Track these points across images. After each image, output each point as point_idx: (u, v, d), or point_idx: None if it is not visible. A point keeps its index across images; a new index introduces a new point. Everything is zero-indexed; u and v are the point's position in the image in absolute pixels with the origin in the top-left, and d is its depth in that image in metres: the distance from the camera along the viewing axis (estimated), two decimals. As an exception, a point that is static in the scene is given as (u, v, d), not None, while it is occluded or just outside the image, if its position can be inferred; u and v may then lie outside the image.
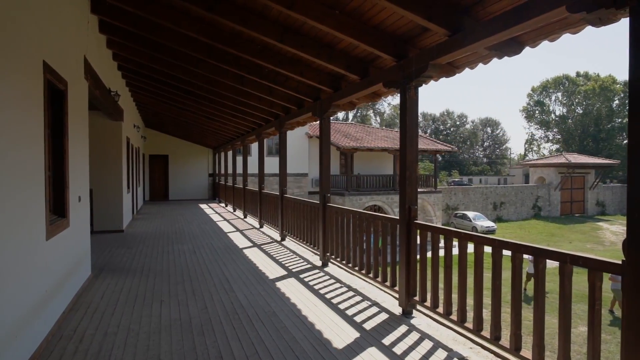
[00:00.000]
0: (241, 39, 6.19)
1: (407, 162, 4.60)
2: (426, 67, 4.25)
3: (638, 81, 2.33)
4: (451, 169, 70.71)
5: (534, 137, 71.42)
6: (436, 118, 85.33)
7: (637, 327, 2.33)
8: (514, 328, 3.27)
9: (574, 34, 3.62)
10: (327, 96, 6.84)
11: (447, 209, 35.76)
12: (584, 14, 2.69)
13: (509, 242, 3.31)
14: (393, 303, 4.98)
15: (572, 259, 2.79)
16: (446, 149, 30.21)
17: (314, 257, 7.65)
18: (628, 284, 2.38)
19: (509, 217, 39.02)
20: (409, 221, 4.56)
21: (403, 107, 4.65)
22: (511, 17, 3.25)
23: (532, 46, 3.99)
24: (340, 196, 24.42)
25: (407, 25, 4.38)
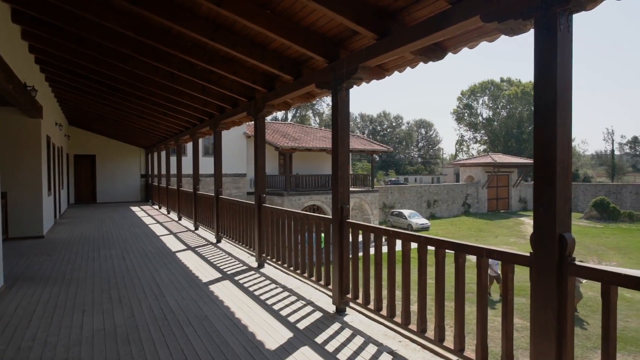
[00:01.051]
0: (171, 35, 5.98)
1: (339, 162, 4.68)
2: (356, 69, 4.34)
3: (542, 87, 2.53)
4: (388, 169, 73.00)
5: (463, 138, 75.50)
6: (374, 119, 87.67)
7: (541, 313, 2.52)
8: (438, 320, 3.43)
9: (491, 42, 3.87)
10: (261, 96, 6.79)
11: (384, 207, 36.85)
12: (496, 24, 2.87)
13: (432, 239, 3.47)
14: (327, 301, 5.04)
15: (488, 252, 2.98)
16: (382, 149, 31.11)
17: (250, 258, 7.56)
18: (534, 275, 2.58)
19: (441, 215, 40.95)
20: (341, 220, 4.64)
21: (335, 108, 4.73)
22: (433, 24, 3.40)
23: (454, 52, 4.21)
24: (279, 196, 24.35)
25: (338, 27, 4.46)
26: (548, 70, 2.49)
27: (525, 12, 2.61)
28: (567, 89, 2.50)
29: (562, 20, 2.46)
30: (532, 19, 2.59)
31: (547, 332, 2.51)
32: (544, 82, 2.51)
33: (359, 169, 57.35)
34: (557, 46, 2.44)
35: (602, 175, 70.59)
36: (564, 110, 2.47)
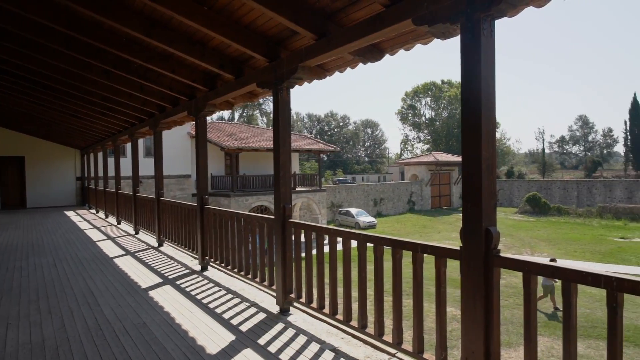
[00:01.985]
0: (103, 30, 5.69)
1: (281, 162, 4.67)
2: (296, 69, 4.35)
3: (467, 89, 2.66)
4: (336, 168, 73.84)
5: (408, 137, 77.86)
6: (321, 119, 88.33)
7: (471, 303, 2.65)
8: (377, 316, 3.51)
9: (425, 44, 4.01)
10: (202, 95, 6.63)
11: (332, 206, 37.24)
12: (427, 27, 2.98)
13: (371, 236, 3.55)
14: (271, 302, 5.01)
15: (422, 248, 3.09)
16: (329, 148, 31.42)
17: (193, 261, 7.36)
18: (464, 267, 2.71)
19: (387, 212, 42.00)
20: (284, 220, 4.63)
21: (275, 107, 4.71)
22: (369, 26, 3.47)
23: (391, 54, 4.33)
24: (226, 197, 23.92)
25: (278, 27, 4.44)
26: (473, 72, 2.62)
27: (452, 17, 2.73)
28: (491, 90, 2.64)
29: (485, 25, 2.60)
30: (459, 23, 2.71)
31: (475, 320, 2.64)
32: (470, 84, 2.64)
33: (307, 169, 57.60)
34: (480, 49, 2.58)
35: (534, 172, 75.44)
36: (488, 110, 2.61)
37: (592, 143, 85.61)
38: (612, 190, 44.78)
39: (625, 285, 2.05)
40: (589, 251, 24.93)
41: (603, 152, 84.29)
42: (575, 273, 2.23)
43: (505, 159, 73.23)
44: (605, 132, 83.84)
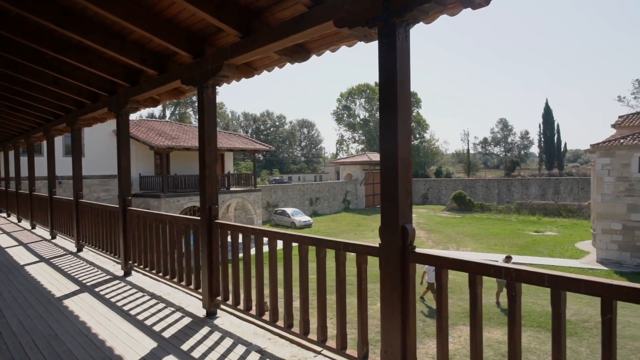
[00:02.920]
0: (9, 17, 5.21)
1: (207, 162, 4.55)
2: (221, 67, 4.26)
3: (385, 91, 2.75)
4: (272, 168, 73.47)
5: (343, 138, 79.27)
6: (257, 118, 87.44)
7: (389, 298, 2.75)
8: (302, 314, 3.53)
9: (350, 46, 4.09)
10: (124, 91, 6.29)
11: (268, 206, 37.00)
12: (348, 30, 3.05)
13: (295, 235, 3.56)
14: (198, 306, 4.87)
15: (344, 246, 3.15)
16: (265, 148, 31.17)
17: (115, 267, 6.97)
18: (382, 264, 2.80)
19: (323, 211, 42.48)
20: (210, 221, 4.52)
21: (201, 105, 4.58)
22: (293, 25, 3.48)
23: (318, 54, 4.38)
24: (156, 199, 22.94)
25: (202, 22, 4.32)
26: (389, 75, 2.71)
27: (369, 21, 2.80)
28: (407, 93, 2.75)
29: (400, 30, 2.70)
30: (376, 27, 2.79)
31: (393, 314, 2.73)
32: (387, 86, 2.73)
33: (242, 169, 56.75)
34: (396, 53, 2.67)
35: (460, 171, 79.95)
36: (404, 112, 2.72)
37: (511, 144, 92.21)
38: (528, 187, 48.60)
39: (522, 275, 2.22)
40: (507, 244, 26.85)
41: (521, 152, 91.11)
42: (479, 266, 2.39)
43: (435, 159, 76.91)
44: (522, 135, 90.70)
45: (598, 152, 22.90)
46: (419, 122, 70.16)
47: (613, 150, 22.19)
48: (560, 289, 2.10)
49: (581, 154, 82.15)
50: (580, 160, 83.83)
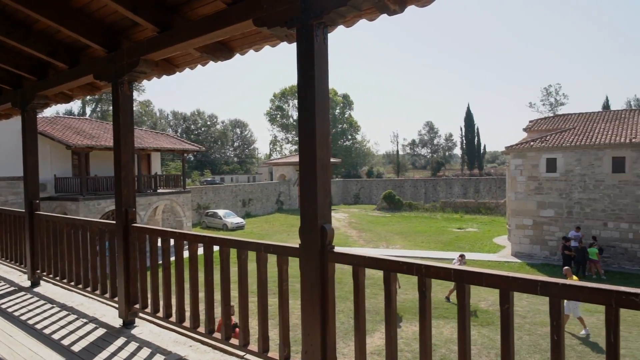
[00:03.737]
0: None
1: (122, 162, 4.30)
2: (138, 62, 4.05)
3: (303, 92, 2.76)
4: (204, 169, 71.45)
5: (277, 138, 78.98)
6: (187, 117, 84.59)
7: (308, 298, 2.76)
8: (224, 319, 3.44)
9: (273, 46, 4.05)
10: (30, 84, 5.78)
11: (199, 208, 35.91)
12: (267, 29, 3.02)
13: (216, 238, 3.46)
14: (114, 315, 4.58)
15: (265, 247, 3.12)
16: (194, 148, 30.21)
17: (21, 277, 6.37)
18: (302, 264, 2.80)
19: (256, 213, 42.03)
20: (127, 225, 4.27)
21: (115, 102, 4.32)
22: (213, 22, 3.39)
23: (241, 53, 4.30)
24: (74, 202, 21.37)
25: (116, 14, 4.07)
26: (308, 76, 2.72)
27: (288, 22, 2.80)
28: (325, 94, 2.77)
29: (318, 32, 2.72)
30: (295, 28, 2.79)
31: (313, 314, 2.75)
32: (305, 87, 2.74)
33: (172, 169, 54.61)
34: (314, 55, 2.69)
35: (390, 172, 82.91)
36: (322, 113, 2.74)
37: (437, 146, 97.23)
38: (452, 187, 51.48)
39: (431, 271, 2.33)
40: (433, 241, 28.24)
41: (445, 154, 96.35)
42: (393, 263, 2.46)
43: (366, 160, 79.08)
44: (447, 137, 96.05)
45: (512, 154, 24.80)
46: (352, 124, 71.70)
47: (524, 152, 24.14)
48: (465, 283, 2.23)
49: (499, 155, 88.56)
50: (498, 161, 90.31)
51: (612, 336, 1.84)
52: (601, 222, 22.21)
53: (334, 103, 69.62)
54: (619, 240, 21.79)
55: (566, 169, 22.96)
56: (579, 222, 22.39)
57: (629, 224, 21.56)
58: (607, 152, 22.02)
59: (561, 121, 28.59)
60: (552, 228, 23.34)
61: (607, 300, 1.82)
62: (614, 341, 1.84)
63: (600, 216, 22.23)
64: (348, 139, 72.37)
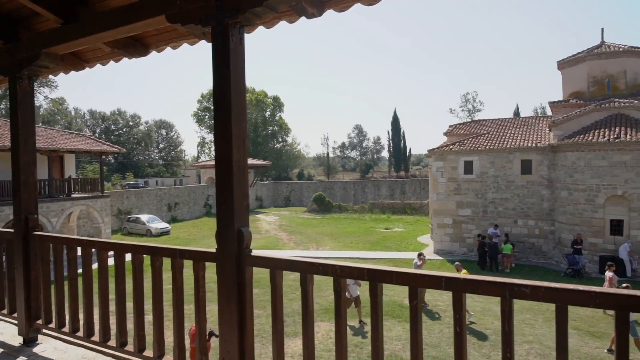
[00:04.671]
0: None
1: (22, 164, 3.92)
2: (39, 55, 3.72)
3: (219, 92, 2.68)
4: (126, 172, 67.58)
5: (205, 140, 76.75)
6: (107, 117, 79.56)
7: (225, 303, 2.68)
8: (137, 330, 3.25)
9: (192, 44, 3.92)
10: None
11: (120, 213, 33.91)
12: (181, 26, 2.90)
13: (128, 245, 3.27)
14: (13, 333, 4.15)
15: (181, 253, 3.00)
16: (114, 150, 28.45)
17: None
18: (219, 269, 2.72)
19: (183, 217, 40.52)
20: (27, 233, 3.90)
21: (13, 99, 3.93)
22: (123, 16, 3.20)
23: (158, 50, 4.12)
24: (-28, 209, 19.21)
25: (13, 2, 3.71)
26: (223, 75, 2.66)
27: (203, 20, 2.71)
28: (241, 95, 2.72)
29: (234, 32, 2.66)
30: (210, 27, 2.72)
31: (230, 320, 2.68)
32: (221, 87, 2.67)
33: (90, 172, 51.04)
34: (229, 55, 2.63)
35: (321, 174, 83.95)
36: (238, 114, 2.69)
37: (365, 149, 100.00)
38: (380, 188, 53.23)
39: (345, 271, 2.37)
40: (361, 242, 28.99)
41: (374, 156, 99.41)
42: (309, 265, 2.47)
43: (297, 162, 79.37)
44: (375, 140, 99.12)
45: (433, 157, 26.20)
46: (282, 126, 71.60)
47: (444, 155, 25.60)
48: (377, 282, 2.29)
49: (423, 158, 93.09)
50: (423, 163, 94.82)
51: (506, 325, 1.98)
52: (512, 219, 24.14)
53: (264, 105, 69.17)
54: (527, 236, 23.81)
55: (481, 171, 24.68)
56: (492, 220, 24.15)
57: (535, 221, 23.64)
58: (516, 155, 24.00)
59: (477, 126, 30.72)
60: (470, 226, 24.96)
61: (502, 292, 1.96)
62: (508, 330, 1.98)
63: (511, 214, 24.15)
64: (279, 141, 72.17)
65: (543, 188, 23.37)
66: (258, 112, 68.84)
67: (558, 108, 26.04)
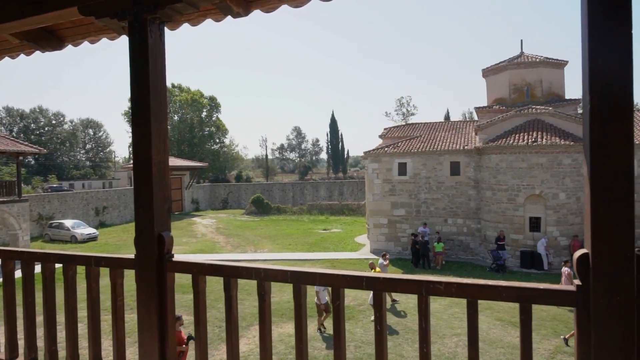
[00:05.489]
0: None
1: None
2: None
3: (136, 89, 2.56)
4: (48, 174, 62.82)
5: (137, 140, 73.20)
6: (26, 115, 73.52)
7: (145, 311, 2.56)
8: (48, 345, 3.01)
9: (111, 39, 3.71)
10: None
11: (41, 218, 31.47)
12: (96, 20, 2.73)
13: (36, 253, 3.03)
14: None
15: (96, 260, 2.82)
16: (33, 150, 26.31)
17: None
18: (138, 275, 2.59)
19: (113, 222, 38.41)
20: None
21: None
22: (31, 6, 2.95)
23: (74, 44, 3.86)
24: None
25: None
26: (142, 73, 2.54)
27: (119, 13, 2.58)
28: (161, 93, 2.61)
29: (153, 28, 2.55)
30: (127, 21, 2.58)
31: (151, 327, 2.56)
32: (138, 85, 2.55)
33: (6, 175, 46.89)
34: (148, 51, 2.52)
35: (260, 176, 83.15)
36: (158, 112, 2.58)
37: (304, 150, 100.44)
38: (318, 190, 53.71)
39: (269, 274, 2.34)
40: (300, 243, 29.06)
41: (313, 158, 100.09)
42: (232, 269, 2.42)
43: (235, 164, 78.05)
44: (314, 142, 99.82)
45: (369, 159, 26.87)
46: (219, 127, 70.04)
47: (379, 157, 26.36)
48: (301, 284, 2.29)
49: (360, 160, 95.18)
50: (360, 165, 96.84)
51: (423, 322, 2.06)
52: (442, 218, 25.34)
53: (200, 105, 67.28)
54: (456, 234, 25.11)
55: (414, 172, 25.68)
56: (425, 220, 25.21)
57: (463, 220, 24.98)
58: (446, 157, 25.23)
59: (410, 129, 31.93)
60: (404, 226, 25.88)
61: (418, 290, 2.04)
62: (425, 326, 2.06)
63: (441, 213, 25.34)
64: (216, 143, 70.52)
65: (470, 188, 24.76)
66: (194, 113, 66.85)
67: (483, 113, 27.77)
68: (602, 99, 1.66)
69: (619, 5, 1.64)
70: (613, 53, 1.65)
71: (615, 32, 1.64)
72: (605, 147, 1.65)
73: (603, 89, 1.65)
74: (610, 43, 1.65)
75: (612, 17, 1.65)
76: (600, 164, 1.65)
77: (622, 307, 1.64)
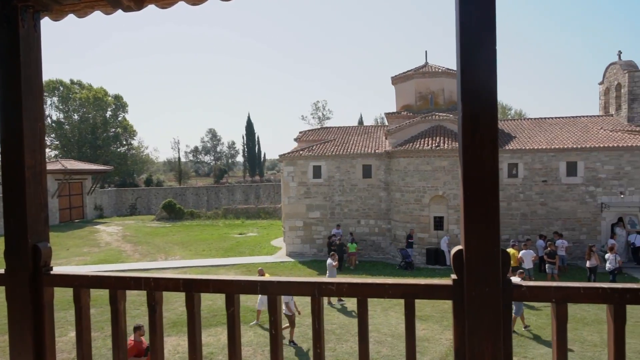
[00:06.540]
0: None
1: None
2: None
3: (5, 84, 2.30)
4: None
5: (30, 141, 66.20)
6: None
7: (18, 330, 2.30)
8: None
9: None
10: None
11: None
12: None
13: None
14: None
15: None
16: None
17: None
18: (8, 292, 2.32)
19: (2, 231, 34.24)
20: None
21: None
22: None
23: None
24: None
25: None
26: (12, 66, 2.29)
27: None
28: (37, 89, 2.38)
29: (25, 17, 2.31)
30: (5, 11, 2.31)
31: (25, 350, 2.30)
32: (8, 79, 2.29)
33: None
34: (19, 42, 2.27)
35: (172, 179, 79.47)
36: (33, 110, 2.34)
37: (220, 153, 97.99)
38: (234, 193, 52.71)
39: (160, 284, 2.22)
40: (214, 248, 28.26)
41: (229, 161, 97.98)
42: (119, 280, 2.27)
43: (144, 167, 73.81)
44: (229, 145, 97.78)
45: (285, 162, 26.97)
46: (126, 128, 65.74)
47: (295, 160, 26.57)
48: (194, 292, 2.20)
49: (277, 163, 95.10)
50: (277, 168, 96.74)
51: (317, 323, 2.09)
52: (356, 220, 26.20)
53: (104, 104, 62.67)
54: (368, 235, 26.10)
55: (329, 175, 26.26)
56: (339, 221, 25.87)
57: (375, 220, 26.05)
58: (359, 160, 26.15)
59: (325, 133, 32.60)
60: (319, 228, 26.33)
61: (312, 291, 2.06)
62: (318, 327, 2.09)
63: (355, 215, 26.19)
64: (122, 145, 66.10)
65: (381, 190, 25.90)
66: (97, 112, 62.08)
67: (392, 118, 29.24)
68: (472, 105, 1.81)
69: (485, 19, 1.80)
70: (481, 64, 1.81)
71: (481, 45, 1.80)
72: (474, 150, 1.80)
73: (472, 97, 1.81)
74: (478, 55, 1.81)
75: (481, 30, 1.80)
76: (470, 166, 1.80)
77: (490, 297, 1.80)
